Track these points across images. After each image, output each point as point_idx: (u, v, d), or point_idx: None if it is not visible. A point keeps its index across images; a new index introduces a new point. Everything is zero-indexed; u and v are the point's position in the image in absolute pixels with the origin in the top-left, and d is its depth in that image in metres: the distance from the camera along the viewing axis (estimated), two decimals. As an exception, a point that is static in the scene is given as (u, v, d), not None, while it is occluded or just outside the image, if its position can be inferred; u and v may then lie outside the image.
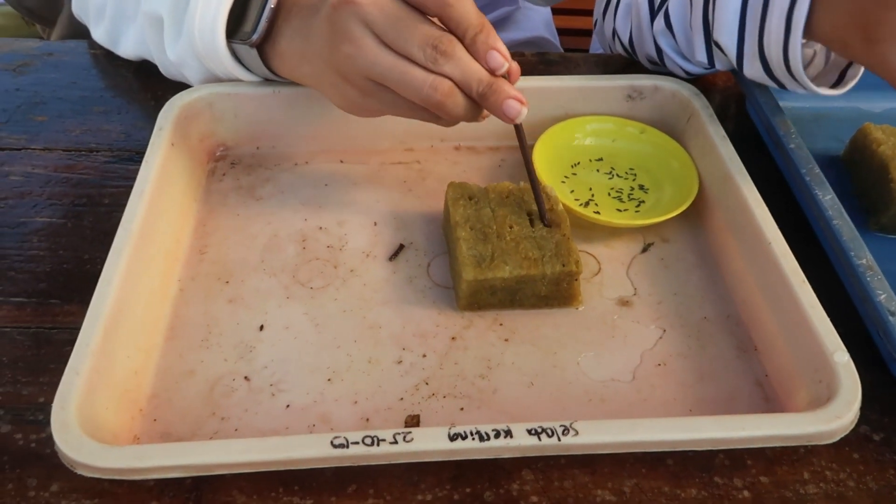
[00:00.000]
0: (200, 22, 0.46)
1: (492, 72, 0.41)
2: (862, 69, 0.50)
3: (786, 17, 0.46)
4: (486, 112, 0.43)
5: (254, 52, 0.47)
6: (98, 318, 0.37)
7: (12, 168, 0.54)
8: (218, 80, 0.51)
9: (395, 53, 0.40)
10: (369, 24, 0.40)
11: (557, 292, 0.44)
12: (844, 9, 0.43)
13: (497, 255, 0.43)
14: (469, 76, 0.41)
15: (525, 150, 0.45)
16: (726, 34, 0.50)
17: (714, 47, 0.52)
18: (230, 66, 0.48)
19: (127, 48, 0.58)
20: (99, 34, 0.59)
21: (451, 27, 0.41)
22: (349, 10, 0.40)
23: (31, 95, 0.60)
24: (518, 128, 0.44)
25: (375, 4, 0.40)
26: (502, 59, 0.41)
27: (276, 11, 0.46)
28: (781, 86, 0.50)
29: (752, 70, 0.50)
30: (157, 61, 0.55)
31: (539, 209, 0.45)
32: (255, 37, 0.46)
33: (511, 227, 0.45)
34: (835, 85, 0.51)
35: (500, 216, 0.45)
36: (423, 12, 0.41)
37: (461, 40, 0.41)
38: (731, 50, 0.50)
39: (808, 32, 0.46)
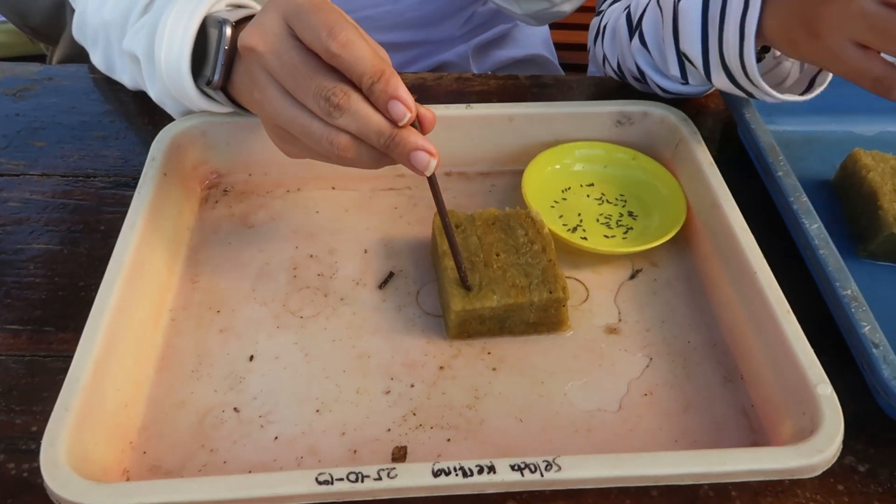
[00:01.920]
0: (166, 66, 0.47)
1: (394, 122, 0.38)
2: (829, 76, 0.51)
3: (739, 22, 0.46)
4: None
5: (219, 92, 0.48)
6: (88, 352, 0.38)
7: (10, 194, 0.54)
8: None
9: (299, 104, 0.39)
10: (271, 73, 0.39)
11: (546, 318, 0.44)
12: (787, 8, 0.44)
13: (485, 284, 0.43)
14: (367, 129, 0.38)
15: (440, 203, 0.42)
16: (691, 45, 0.50)
17: (684, 59, 0.53)
18: (202, 104, 0.49)
19: (122, 77, 0.59)
20: (97, 59, 0.60)
21: (347, 76, 0.38)
22: (252, 57, 0.40)
23: (30, 121, 0.61)
24: (431, 179, 0.40)
25: (274, 53, 0.39)
26: (404, 108, 0.37)
27: (231, 51, 0.45)
28: (749, 95, 0.50)
29: (720, 80, 0.51)
30: (146, 91, 0.55)
31: (459, 272, 0.43)
32: (216, 79, 0.46)
33: (497, 255, 0.45)
34: (804, 92, 0.52)
35: (487, 244, 0.46)
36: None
37: (362, 88, 0.38)
38: (698, 60, 0.51)
39: (762, 36, 0.46)
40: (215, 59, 0.46)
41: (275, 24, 0.39)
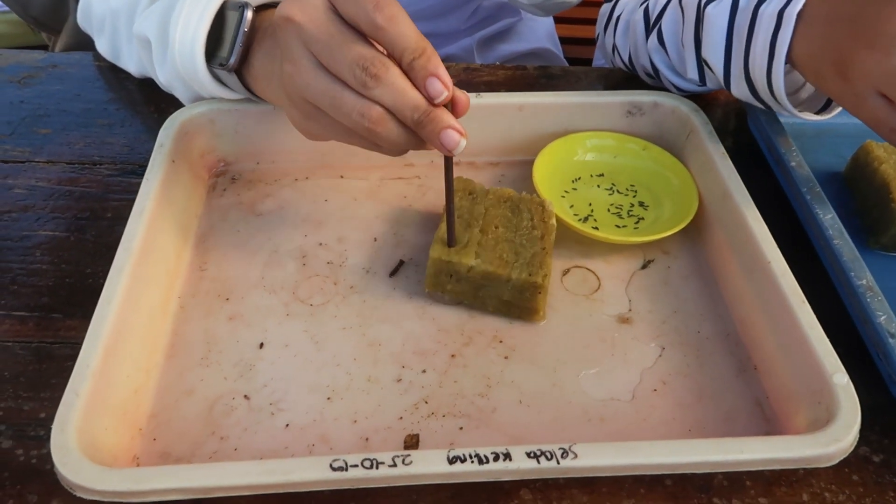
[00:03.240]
0: (180, 47, 0.46)
1: (430, 100, 0.38)
2: None
3: (770, 41, 0.46)
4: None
5: (233, 75, 0.47)
6: (98, 338, 0.37)
7: (16, 181, 0.54)
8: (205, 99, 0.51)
9: (331, 76, 0.38)
10: (307, 44, 0.38)
11: (521, 301, 0.44)
12: (821, 41, 0.43)
13: (471, 245, 0.44)
14: (403, 103, 0.38)
15: (450, 182, 0.42)
16: (714, 53, 0.50)
17: (704, 65, 0.52)
18: (212, 89, 0.48)
19: (129, 64, 0.58)
20: (102, 47, 0.60)
21: (388, 51, 0.38)
22: (289, 28, 0.39)
23: (35, 108, 0.60)
24: (448, 159, 0.41)
25: (313, 22, 0.38)
26: (442, 86, 0.37)
27: (250, 34, 0.45)
28: (767, 107, 0.50)
29: (739, 90, 0.50)
30: (153, 77, 0.55)
31: (447, 229, 0.44)
32: (231, 62, 0.45)
33: (496, 228, 0.45)
34: (820, 111, 0.51)
35: (491, 215, 0.46)
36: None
37: (399, 64, 0.38)
38: (719, 69, 0.50)
39: (790, 59, 0.46)
40: (233, 41, 0.45)
41: None
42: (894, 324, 0.39)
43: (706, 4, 0.50)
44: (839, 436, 0.35)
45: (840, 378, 0.37)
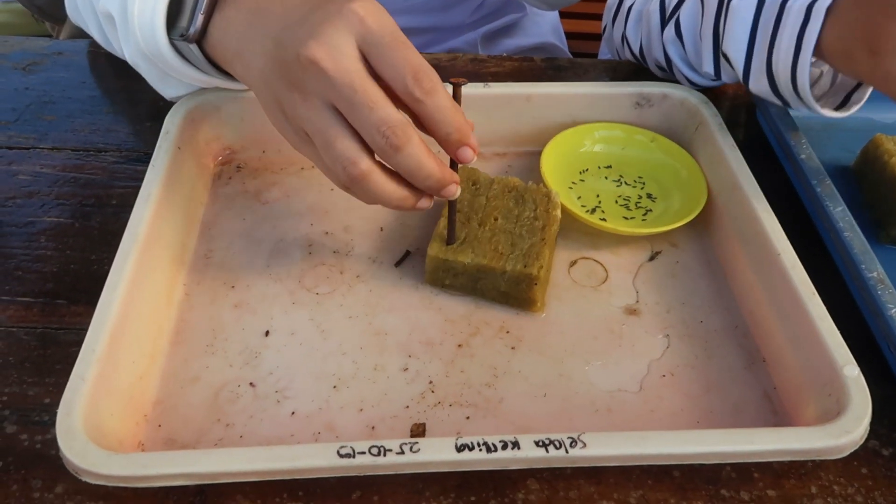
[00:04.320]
0: (139, 20, 0.44)
1: (459, 162, 0.39)
2: (867, 93, 0.50)
3: (797, 34, 0.45)
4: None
5: (194, 47, 0.44)
6: (104, 323, 0.37)
7: (21, 167, 0.54)
8: (169, 79, 0.49)
9: (337, 117, 0.38)
10: (327, 90, 0.37)
11: (517, 292, 0.44)
12: (851, 21, 0.43)
13: (467, 241, 0.44)
14: (418, 174, 0.38)
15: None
16: (735, 47, 0.50)
17: (722, 59, 0.52)
18: (176, 65, 0.46)
19: (115, 49, 0.56)
20: (95, 36, 0.58)
21: (422, 120, 0.38)
22: (313, 70, 0.37)
23: (40, 94, 0.60)
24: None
25: (340, 71, 0.36)
26: (472, 154, 0.39)
27: (210, 5, 0.43)
28: (786, 104, 0.50)
29: (758, 86, 0.50)
30: (122, 56, 0.52)
31: (448, 228, 0.44)
32: (191, 31, 0.43)
33: (495, 219, 0.45)
34: (839, 107, 0.51)
35: (491, 206, 0.46)
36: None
37: (431, 132, 0.38)
38: (739, 63, 0.50)
39: (817, 49, 0.46)
40: (192, 9, 0.43)
41: (346, 44, 0.37)
42: (905, 316, 0.39)
43: None
44: (850, 427, 0.35)
45: (851, 370, 0.37)
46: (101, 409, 0.35)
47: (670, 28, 0.56)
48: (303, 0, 0.41)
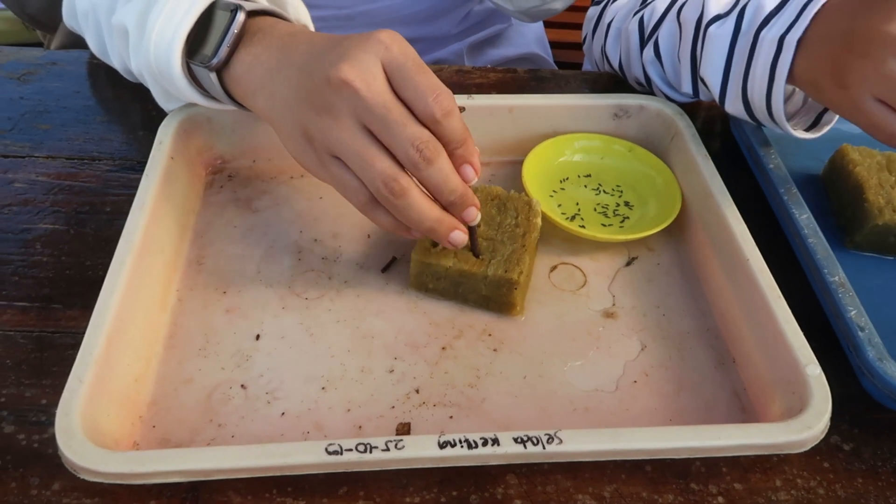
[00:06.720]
0: (157, 39, 0.45)
1: (462, 178, 0.42)
2: (837, 116, 0.53)
3: (770, 64, 0.48)
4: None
5: (214, 75, 0.46)
6: (101, 327, 0.39)
7: (16, 175, 0.55)
8: (170, 97, 0.51)
9: (370, 138, 0.40)
10: (359, 109, 0.40)
11: (498, 296, 0.45)
12: (820, 54, 0.45)
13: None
14: (445, 186, 0.41)
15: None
16: (711, 72, 0.52)
17: (700, 82, 0.54)
18: (182, 86, 0.47)
19: (114, 60, 0.58)
20: (91, 45, 0.59)
21: (438, 137, 0.41)
22: (345, 91, 0.39)
23: (35, 104, 0.61)
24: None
25: (371, 92, 0.39)
26: (474, 173, 0.42)
27: (239, 37, 0.45)
28: (760, 124, 0.52)
29: (734, 108, 0.52)
30: (128, 66, 0.53)
31: (472, 245, 0.46)
32: (214, 61, 0.45)
33: (478, 227, 0.47)
34: (810, 128, 0.53)
35: None
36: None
37: (446, 149, 0.41)
38: (716, 88, 0.52)
39: (790, 78, 0.48)
40: (220, 39, 0.45)
41: (373, 66, 0.40)
42: (864, 318, 0.41)
43: (708, 24, 0.52)
44: (811, 423, 0.37)
45: (813, 369, 0.39)
46: (98, 410, 0.37)
47: (649, 49, 0.58)
48: (327, 36, 0.43)
